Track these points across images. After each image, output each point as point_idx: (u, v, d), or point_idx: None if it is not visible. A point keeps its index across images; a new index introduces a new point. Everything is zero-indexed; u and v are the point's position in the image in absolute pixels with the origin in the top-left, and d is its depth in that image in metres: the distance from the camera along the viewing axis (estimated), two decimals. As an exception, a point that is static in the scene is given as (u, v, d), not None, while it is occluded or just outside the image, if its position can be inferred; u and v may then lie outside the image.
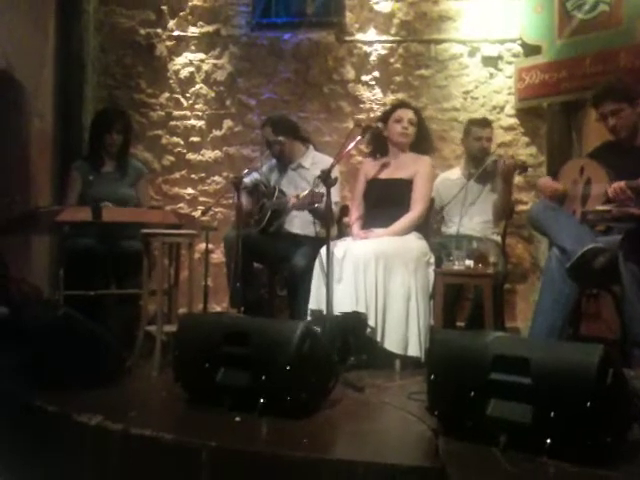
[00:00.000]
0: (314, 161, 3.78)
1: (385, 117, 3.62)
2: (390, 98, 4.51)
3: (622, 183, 2.76)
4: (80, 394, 2.33)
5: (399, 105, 3.69)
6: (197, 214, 4.23)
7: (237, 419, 2.11)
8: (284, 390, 2.11)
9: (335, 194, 3.40)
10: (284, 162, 3.86)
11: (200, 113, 4.68)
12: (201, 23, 4.69)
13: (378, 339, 3.09)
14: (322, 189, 3.01)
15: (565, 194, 3.12)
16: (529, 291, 4.28)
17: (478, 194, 3.86)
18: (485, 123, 3.97)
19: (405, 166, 3.56)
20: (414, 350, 3.12)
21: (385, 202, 3.49)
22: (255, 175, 3.91)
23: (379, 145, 3.65)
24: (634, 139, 3.04)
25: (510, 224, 4.02)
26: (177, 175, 4.69)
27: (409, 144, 3.58)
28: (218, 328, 2.29)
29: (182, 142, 4.69)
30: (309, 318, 3.15)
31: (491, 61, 4.45)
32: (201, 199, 4.63)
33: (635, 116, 3.00)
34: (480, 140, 3.88)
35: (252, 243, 3.54)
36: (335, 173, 3.12)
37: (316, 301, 3.17)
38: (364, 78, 4.56)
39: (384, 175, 3.60)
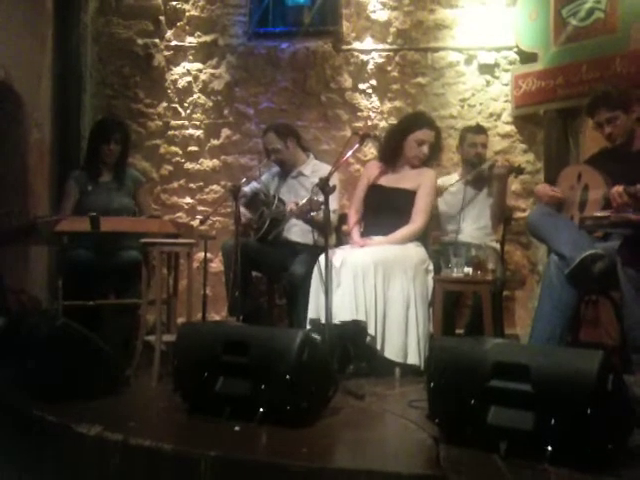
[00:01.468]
0: (314, 169, 3.79)
1: (405, 129, 3.57)
2: (388, 106, 4.52)
3: (620, 188, 2.77)
4: (79, 404, 2.33)
5: (424, 123, 3.58)
6: (195, 223, 4.24)
7: (236, 428, 2.10)
8: (284, 399, 2.11)
9: (333, 202, 3.41)
10: (285, 169, 3.87)
11: (198, 122, 4.69)
12: (198, 33, 4.70)
13: (378, 347, 3.08)
14: (320, 197, 3.01)
15: (563, 201, 3.13)
16: (528, 298, 4.28)
17: (475, 200, 3.87)
18: (479, 130, 3.99)
19: (410, 177, 3.55)
20: (413, 358, 3.12)
21: (386, 210, 3.48)
22: (254, 184, 3.92)
23: (391, 154, 3.62)
24: (631, 145, 3.06)
25: (508, 231, 4.02)
26: (175, 184, 4.69)
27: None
28: (217, 337, 2.29)
29: (180, 151, 4.69)
30: (308, 327, 3.15)
31: (487, 69, 4.47)
32: (199, 208, 4.63)
33: (630, 122, 3.01)
34: (475, 146, 3.90)
35: (251, 252, 3.54)
36: (334, 181, 3.13)
37: (315, 310, 3.17)
38: (361, 86, 4.58)
39: (387, 183, 3.59)
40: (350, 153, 3.32)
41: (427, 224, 3.52)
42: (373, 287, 3.11)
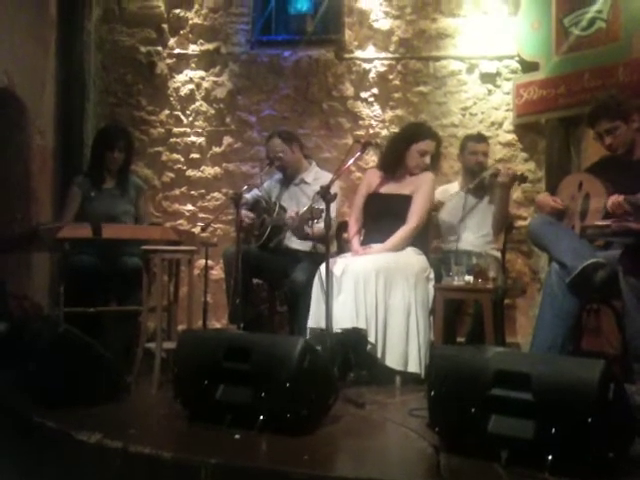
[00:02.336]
0: (316, 177, 3.80)
1: (408, 139, 3.59)
2: (389, 114, 4.53)
3: (620, 197, 2.77)
4: (79, 411, 2.32)
5: (428, 134, 3.61)
6: (197, 230, 4.24)
7: (237, 436, 2.10)
8: (284, 406, 2.10)
9: (333, 211, 3.41)
10: (287, 176, 3.87)
11: (200, 130, 4.70)
12: (201, 41, 4.72)
13: (379, 355, 3.08)
14: (322, 205, 3.02)
15: (564, 210, 3.13)
16: (529, 306, 4.27)
17: (476, 208, 3.87)
18: (480, 138, 3.99)
19: (408, 183, 3.57)
20: (414, 366, 3.12)
21: (385, 217, 3.49)
22: (256, 191, 3.93)
23: (393, 163, 3.63)
24: (632, 154, 3.06)
25: (509, 239, 4.02)
26: (177, 192, 4.69)
27: None
28: (218, 344, 2.29)
29: (182, 159, 4.70)
30: (308, 336, 3.14)
31: (489, 78, 4.48)
32: (201, 215, 4.64)
33: (631, 132, 3.02)
34: (476, 154, 3.90)
35: (251, 259, 3.55)
36: (335, 189, 3.13)
37: (316, 318, 3.16)
38: (363, 95, 4.59)
39: (386, 190, 3.60)
40: (352, 161, 3.32)
41: (422, 224, 3.50)
42: (374, 295, 3.10)
